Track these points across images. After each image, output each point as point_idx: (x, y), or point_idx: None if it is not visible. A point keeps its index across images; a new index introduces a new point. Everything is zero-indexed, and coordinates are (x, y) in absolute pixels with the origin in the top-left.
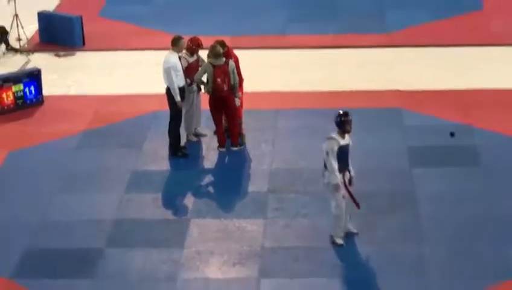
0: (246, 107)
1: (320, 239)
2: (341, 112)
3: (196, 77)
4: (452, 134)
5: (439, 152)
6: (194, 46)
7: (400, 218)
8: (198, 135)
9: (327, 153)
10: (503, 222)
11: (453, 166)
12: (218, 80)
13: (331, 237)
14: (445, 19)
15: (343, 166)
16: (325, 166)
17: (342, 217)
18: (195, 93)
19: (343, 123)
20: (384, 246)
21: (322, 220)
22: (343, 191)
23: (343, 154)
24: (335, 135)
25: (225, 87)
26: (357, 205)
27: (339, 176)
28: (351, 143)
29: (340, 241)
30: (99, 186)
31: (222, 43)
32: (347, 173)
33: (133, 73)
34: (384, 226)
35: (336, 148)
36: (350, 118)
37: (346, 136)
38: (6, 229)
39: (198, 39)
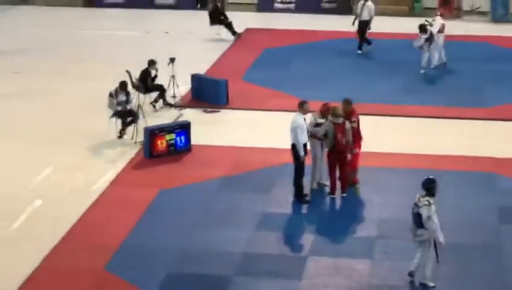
0: (361, 164)
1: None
2: (427, 178)
3: (319, 132)
4: None
5: None
6: (326, 111)
7: (487, 268)
8: (320, 185)
9: (429, 217)
10: None
11: None
12: (339, 135)
13: (423, 284)
14: None
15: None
16: (421, 225)
17: (432, 266)
18: (321, 149)
19: (433, 189)
20: None
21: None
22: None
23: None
24: (431, 199)
25: (343, 142)
26: (437, 258)
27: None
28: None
29: (432, 283)
30: (233, 223)
31: (349, 102)
32: None
33: (267, 130)
34: (472, 275)
35: (434, 209)
36: (436, 184)
37: (433, 198)
38: (155, 254)
39: (328, 105)
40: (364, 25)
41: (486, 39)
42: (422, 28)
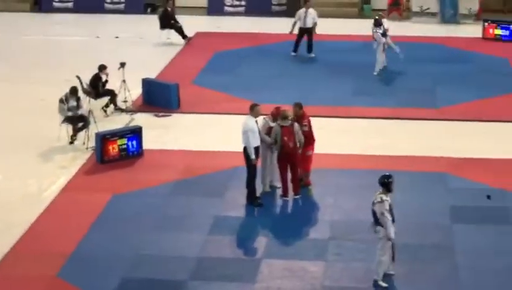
0: (314, 166)
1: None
2: (384, 174)
3: (268, 140)
4: (488, 196)
5: (477, 211)
6: (277, 114)
7: (440, 268)
8: (272, 187)
9: (382, 214)
10: None
11: (488, 224)
12: (285, 138)
13: (375, 281)
14: (487, 98)
15: (392, 220)
16: (378, 223)
17: (386, 263)
18: (271, 151)
19: (388, 184)
20: None
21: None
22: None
23: (391, 210)
24: (384, 196)
25: (291, 145)
26: (393, 258)
27: (393, 230)
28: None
29: (384, 284)
30: (186, 227)
31: (299, 105)
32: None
33: (218, 133)
34: (425, 274)
35: (387, 206)
36: (392, 179)
37: (389, 194)
38: (109, 260)
39: (280, 109)
40: (310, 32)
41: (436, 40)
42: (377, 22)
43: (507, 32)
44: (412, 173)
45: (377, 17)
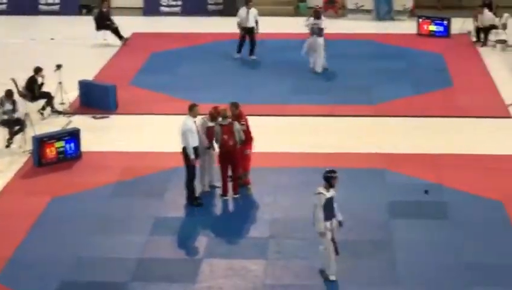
0: (253, 164)
1: (314, 278)
2: (328, 169)
3: (214, 137)
4: (426, 191)
5: (415, 206)
6: (215, 114)
7: (379, 263)
8: (212, 187)
9: (315, 206)
10: (469, 269)
11: (425, 219)
12: (225, 137)
13: (323, 272)
14: (422, 94)
15: (330, 215)
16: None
17: (331, 257)
18: (210, 152)
19: (330, 178)
20: (364, 287)
21: (317, 262)
22: (329, 236)
23: (329, 205)
24: (322, 189)
25: (231, 143)
26: (337, 252)
27: (323, 224)
28: (335, 195)
29: (333, 277)
30: (127, 229)
31: (236, 105)
32: (334, 220)
33: (157, 134)
34: (364, 270)
35: (323, 201)
36: (336, 175)
37: (331, 189)
38: (48, 263)
39: (218, 109)
40: (252, 32)
41: (372, 37)
42: (317, 15)
43: (441, 28)
44: (349, 170)
45: (317, 10)
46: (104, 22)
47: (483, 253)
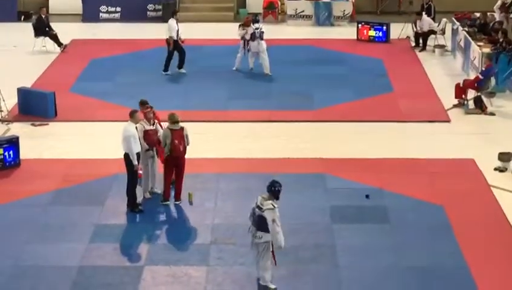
0: (193, 171)
1: (254, 285)
2: (276, 181)
3: (162, 140)
4: (367, 196)
5: (356, 211)
6: (153, 117)
7: (321, 267)
8: (153, 193)
9: (274, 221)
10: (410, 271)
11: (367, 223)
12: (176, 141)
13: (264, 287)
14: (363, 99)
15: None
16: (262, 228)
17: (268, 266)
18: (152, 157)
19: (278, 192)
20: None
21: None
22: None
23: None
24: (273, 203)
25: (181, 148)
26: (275, 262)
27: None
28: None
29: (272, 286)
30: (67, 237)
31: (173, 115)
32: None
33: (97, 141)
34: (307, 275)
35: (278, 214)
36: (281, 187)
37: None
38: None
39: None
40: (178, 43)
41: (312, 42)
42: (256, 20)
43: (380, 34)
44: (290, 175)
45: (255, 16)
46: (43, 29)
47: (423, 257)
